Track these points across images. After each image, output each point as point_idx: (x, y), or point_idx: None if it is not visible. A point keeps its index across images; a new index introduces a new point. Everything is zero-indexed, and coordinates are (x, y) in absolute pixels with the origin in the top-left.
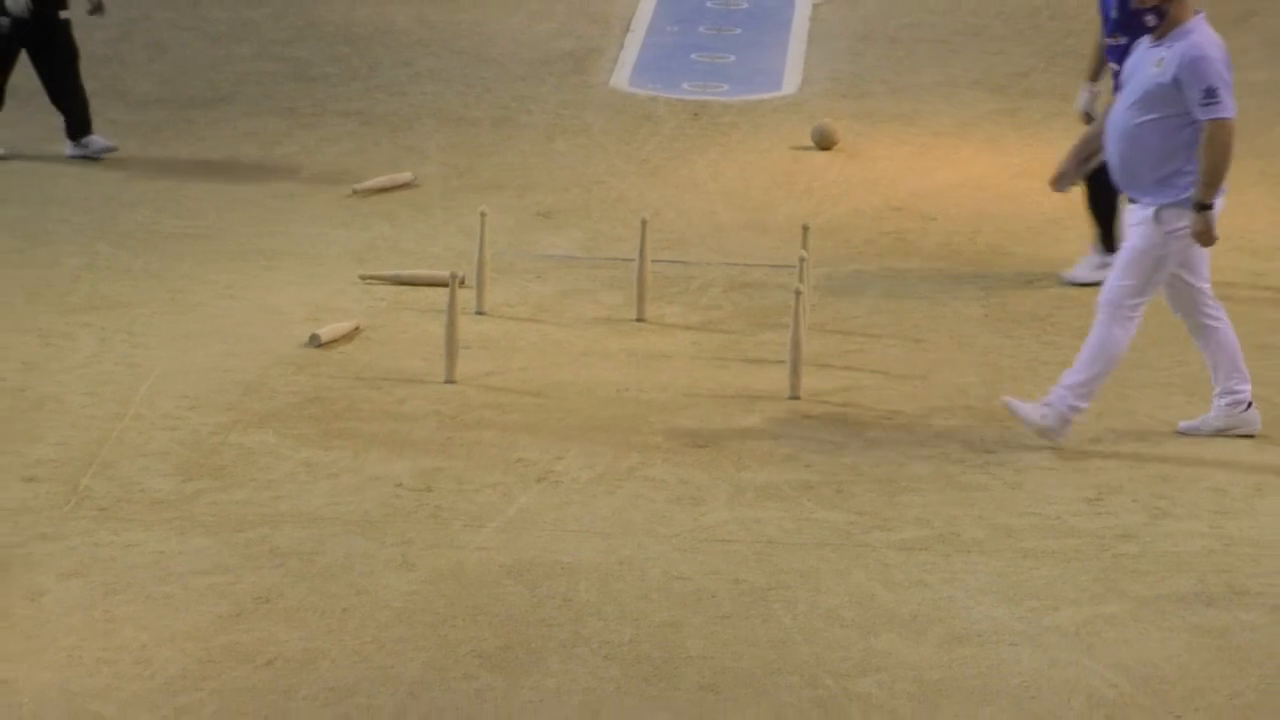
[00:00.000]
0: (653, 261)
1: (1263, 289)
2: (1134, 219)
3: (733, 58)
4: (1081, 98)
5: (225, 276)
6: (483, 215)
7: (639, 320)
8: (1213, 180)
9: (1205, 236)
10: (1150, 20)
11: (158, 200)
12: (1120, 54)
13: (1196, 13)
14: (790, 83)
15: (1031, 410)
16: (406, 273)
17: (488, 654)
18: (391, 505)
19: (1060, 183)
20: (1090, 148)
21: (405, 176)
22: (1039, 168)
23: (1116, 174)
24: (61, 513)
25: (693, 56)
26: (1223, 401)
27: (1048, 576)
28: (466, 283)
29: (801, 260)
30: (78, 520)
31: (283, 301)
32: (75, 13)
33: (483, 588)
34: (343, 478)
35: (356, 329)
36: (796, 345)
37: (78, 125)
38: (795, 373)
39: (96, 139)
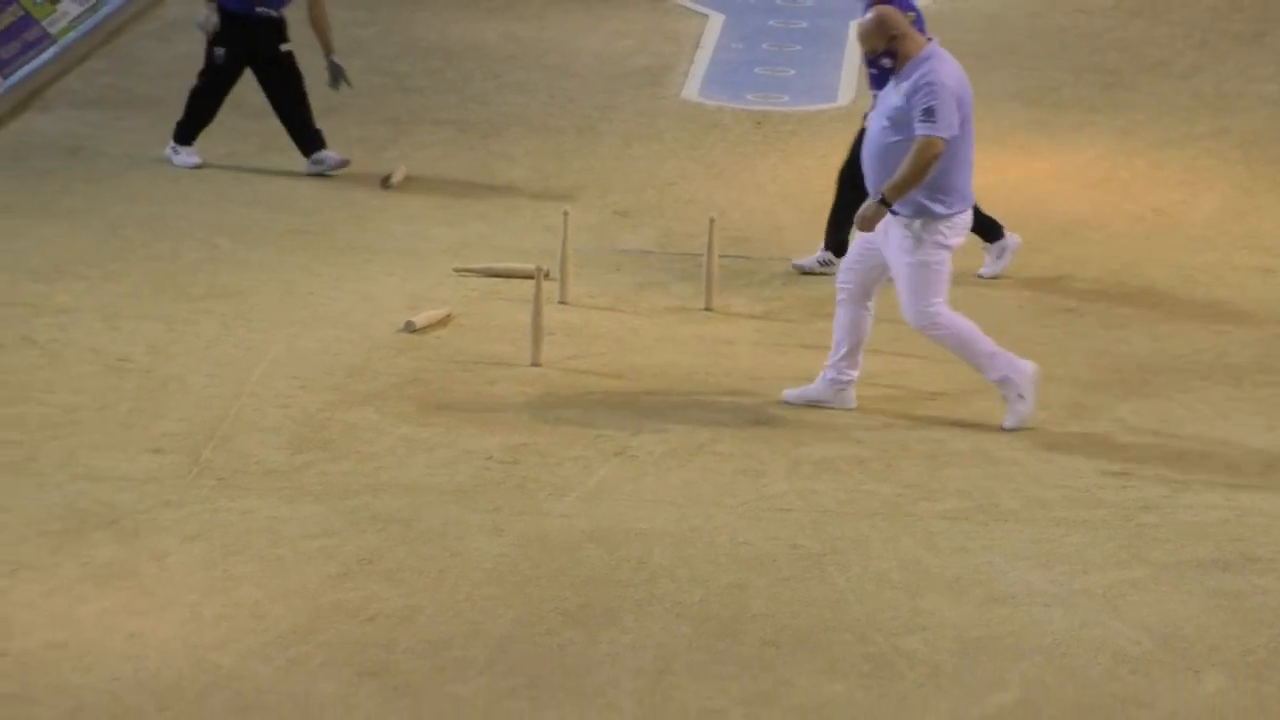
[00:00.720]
0: (720, 256)
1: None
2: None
3: (793, 72)
4: None
5: (332, 269)
6: (565, 214)
7: (707, 309)
8: (903, 185)
9: (866, 223)
10: (887, 63)
11: (272, 199)
12: (879, 80)
13: (929, 40)
14: (845, 95)
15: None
16: (498, 266)
17: (569, 611)
18: (482, 476)
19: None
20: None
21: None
22: (1068, 171)
23: (871, 187)
24: (184, 482)
25: (756, 70)
26: (829, 376)
27: (1077, 544)
28: (551, 275)
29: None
30: (199, 489)
31: (384, 292)
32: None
33: (565, 551)
34: (438, 451)
35: (449, 316)
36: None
37: (309, 144)
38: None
39: (329, 155)
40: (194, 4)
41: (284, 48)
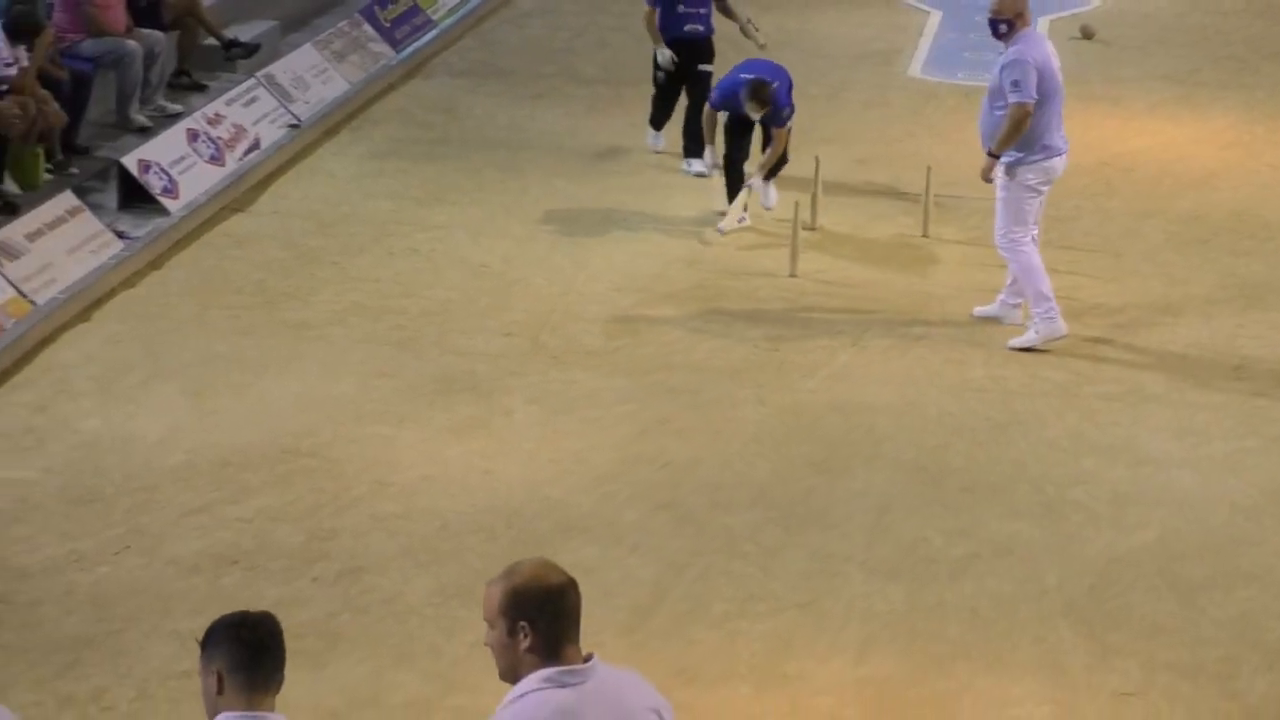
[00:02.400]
0: (935, 195)
1: None
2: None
3: (994, 55)
4: None
5: (639, 200)
6: (817, 160)
7: (924, 236)
8: (1004, 142)
9: (983, 174)
10: (1003, 29)
11: (599, 148)
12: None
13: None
14: None
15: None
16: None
17: (814, 463)
18: (749, 360)
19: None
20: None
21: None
22: (1204, 136)
23: (983, 143)
24: (526, 358)
25: (965, 54)
26: (1001, 298)
27: (1204, 420)
28: (802, 205)
29: None
30: (537, 364)
31: (678, 219)
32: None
33: (812, 418)
34: (716, 340)
35: (746, 223)
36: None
37: (693, 148)
38: None
39: (697, 162)
40: None
41: (703, 68)
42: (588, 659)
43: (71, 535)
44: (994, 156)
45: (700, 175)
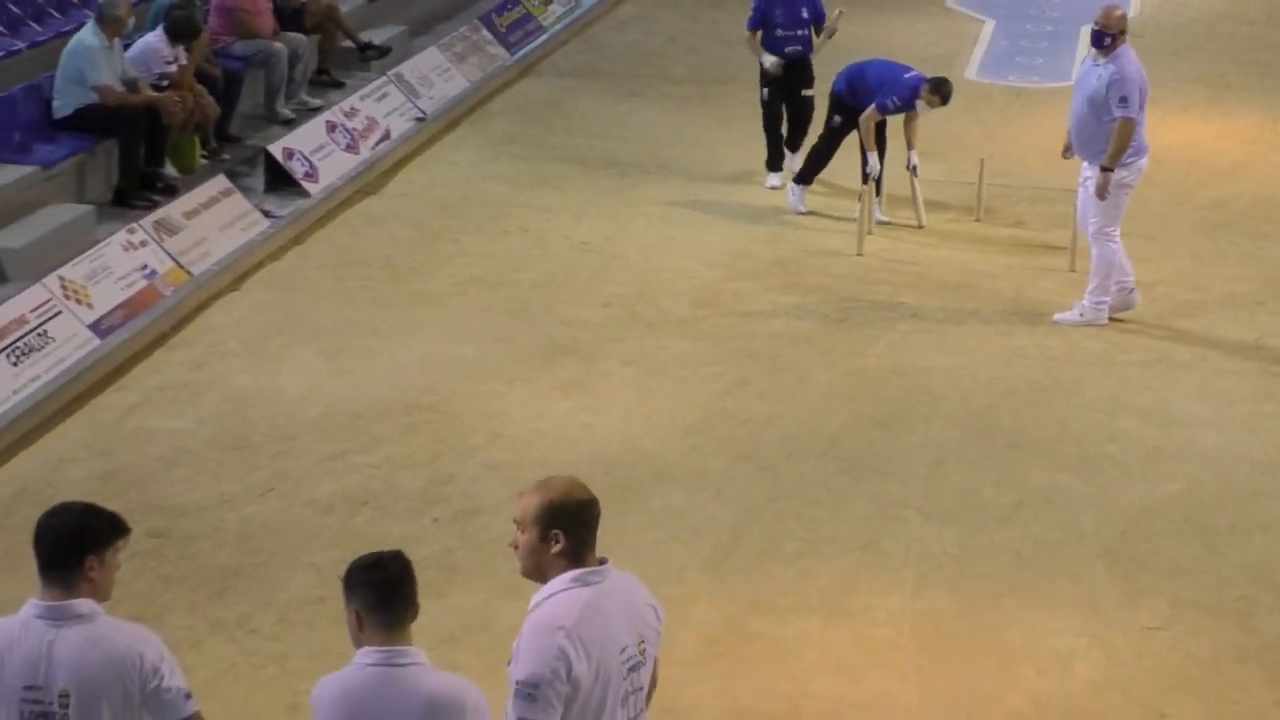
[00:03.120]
0: (987, 184)
1: None
2: (1087, 174)
3: (1041, 60)
4: None
5: (723, 187)
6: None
7: (976, 220)
8: (1116, 155)
9: (1099, 191)
10: (1107, 42)
11: (688, 140)
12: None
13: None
14: (1077, 76)
15: (1072, 315)
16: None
17: (878, 420)
18: (821, 328)
19: (1067, 153)
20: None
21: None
22: (1231, 132)
23: (1074, 141)
24: (623, 326)
25: (1016, 59)
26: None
27: (1226, 385)
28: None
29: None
30: (633, 331)
31: (760, 203)
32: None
33: (876, 380)
34: (791, 310)
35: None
36: (1074, 234)
37: (772, 164)
38: (1074, 252)
39: (790, 158)
40: (644, 2)
41: (806, 93)
42: (602, 562)
43: (222, 478)
44: (1108, 170)
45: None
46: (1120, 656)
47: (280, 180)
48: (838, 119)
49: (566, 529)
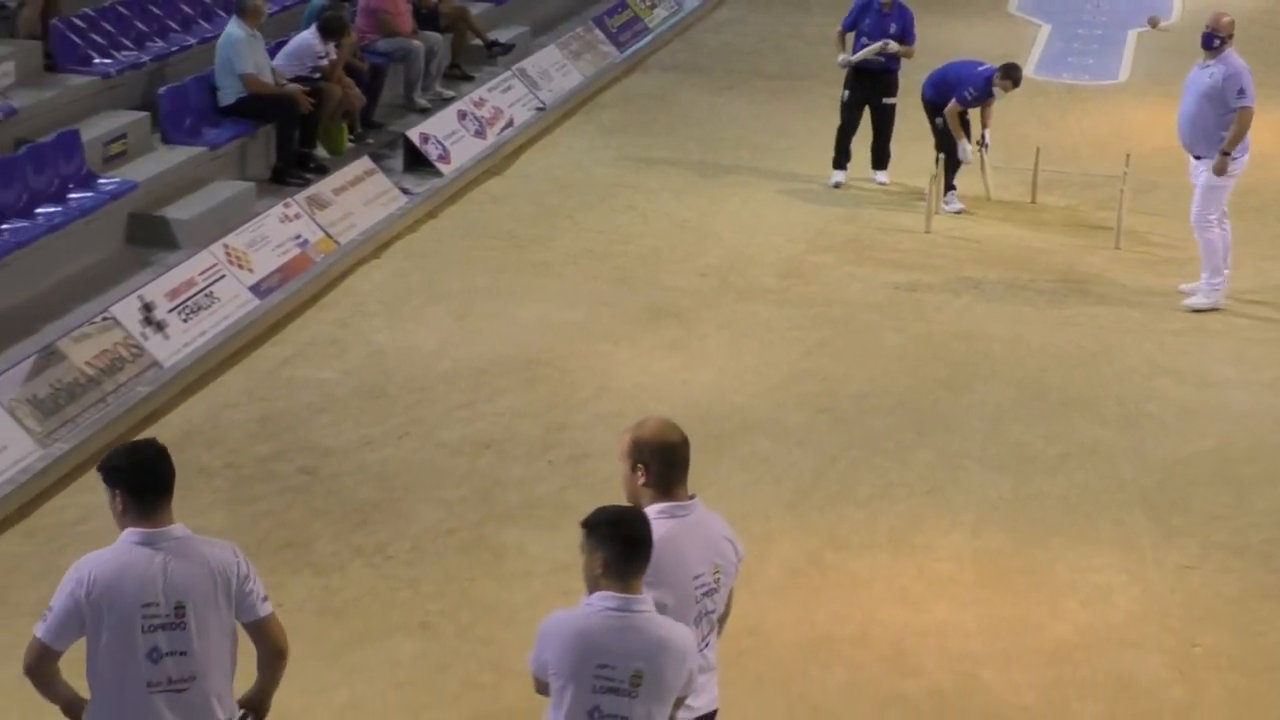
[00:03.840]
0: (1041, 169)
1: None
2: (1199, 166)
3: (1092, 60)
4: None
5: (806, 171)
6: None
7: (1032, 203)
8: (1235, 140)
9: (1218, 170)
10: (1216, 44)
11: (776, 128)
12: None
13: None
14: (1123, 75)
15: (1199, 300)
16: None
17: (941, 380)
18: (891, 298)
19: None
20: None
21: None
22: (1262, 125)
23: (1187, 138)
24: (718, 294)
25: (1069, 59)
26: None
27: (1256, 352)
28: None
29: (1124, 173)
30: (726, 298)
31: (846, 183)
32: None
33: (940, 344)
34: (865, 281)
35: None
36: (1119, 215)
37: (877, 164)
38: (1119, 231)
39: (880, 174)
40: (738, 6)
41: (887, 101)
42: (691, 498)
43: (363, 423)
44: (1226, 154)
45: (878, 185)
46: (1155, 591)
47: (417, 162)
48: (939, 120)
49: (649, 463)
